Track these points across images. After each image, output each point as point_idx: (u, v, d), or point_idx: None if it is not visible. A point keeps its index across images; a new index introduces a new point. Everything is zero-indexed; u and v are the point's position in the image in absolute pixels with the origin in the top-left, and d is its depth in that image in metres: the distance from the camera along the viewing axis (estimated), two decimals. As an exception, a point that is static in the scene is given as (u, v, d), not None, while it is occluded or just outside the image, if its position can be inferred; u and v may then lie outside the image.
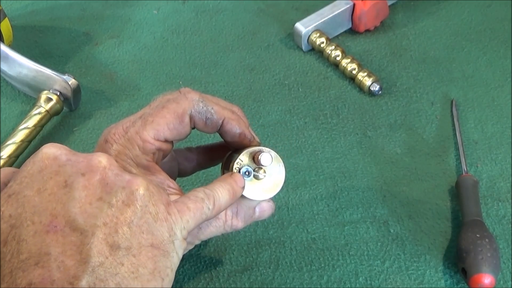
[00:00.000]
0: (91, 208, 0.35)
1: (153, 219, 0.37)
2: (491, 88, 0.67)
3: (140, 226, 0.36)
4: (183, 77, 0.70)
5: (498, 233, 0.54)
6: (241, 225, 0.46)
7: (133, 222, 0.36)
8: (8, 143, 0.59)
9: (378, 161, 0.60)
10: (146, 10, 0.78)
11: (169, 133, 0.43)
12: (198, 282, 0.51)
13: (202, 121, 0.44)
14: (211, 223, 0.44)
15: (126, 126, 0.43)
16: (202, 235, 0.44)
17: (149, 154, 0.42)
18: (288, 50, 0.72)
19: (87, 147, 0.63)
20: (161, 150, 0.43)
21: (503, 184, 0.58)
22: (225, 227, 0.45)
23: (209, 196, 0.41)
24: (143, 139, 0.42)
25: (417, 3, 0.77)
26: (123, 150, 0.42)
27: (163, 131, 0.42)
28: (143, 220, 0.36)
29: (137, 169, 0.41)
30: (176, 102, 0.43)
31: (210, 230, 0.44)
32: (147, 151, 0.42)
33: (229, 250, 0.53)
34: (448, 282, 0.51)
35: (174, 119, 0.42)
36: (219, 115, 0.44)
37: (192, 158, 0.50)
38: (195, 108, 0.43)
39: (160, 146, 0.43)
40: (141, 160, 0.42)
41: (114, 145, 0.42)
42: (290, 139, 0.63)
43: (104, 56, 0.72)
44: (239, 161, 0.44)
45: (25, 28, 0.75)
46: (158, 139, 0.42)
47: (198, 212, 0.39)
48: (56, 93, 0.63)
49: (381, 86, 0.66)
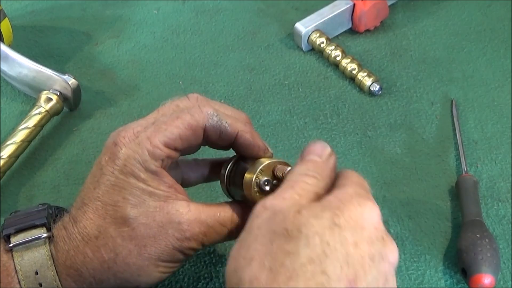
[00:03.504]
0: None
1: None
2: (491, 88, 0.67)
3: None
4: (183, 77, 0.70)
5: (498, 233, 0.54)
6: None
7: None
8: (8, 143, 0.59)
9: (378, 161, 0.60)
10: (146, 10, 0.78)
11: (180, 144, 0.43)
12: (198, 282, 0.51)
13: (216, 135, 0.44)
14: (216, 230, 0.43)
15: (137, 131, 0.43)
16: (207, 241, 0.43)
17: (158, 160, 0.42)
18: (288, 50, 0.72)
19: (87, 147, 0.63)
20: (170, 157, 0.43)
21: (503, 184, 0.58)
22: (229, 235, 0.44)
23: None
24: (154, 145, 0.42)
25: (417, 3, 0.77)
26: (132, 154, 0.42)
27: (175, 140, 0.42)
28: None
29: (145, 173, 0.42)
30: (191, 114, 0.43)
31: (215, 237, 0.44)
32: (157, 157, 0.42)
33: (229, 250, 0.53)
34: (448, 282, 0.51)
35: (187, 131, 0.43)
36: (233, 128, 0.44)
37: (197, 170, 0.50)
38: (209, 122, 0.43)
39: (169, 154, 0.43)
40: (150, 165, 0.42)
41: (123, 148, 0.42)
42: (290, 139, 0.63)
43: (104, 56, 0.72)
44: (259, 172, 0.44)
45: (25, 28, 0.75)
46: (168, 147, 0.42)
47: None
48: (56, 93, 0.63)
49: (381, 86, 0.66)
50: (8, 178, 0.60)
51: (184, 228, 0.42)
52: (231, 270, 0.37)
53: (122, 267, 0.41)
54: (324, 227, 0.36)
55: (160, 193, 0.42)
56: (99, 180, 0.42)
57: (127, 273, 0.42)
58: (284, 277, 0.34)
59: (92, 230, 0.42)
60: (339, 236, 0.36)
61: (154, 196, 0.42)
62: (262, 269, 0.35)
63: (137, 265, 0.41)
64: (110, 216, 0.42)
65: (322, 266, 0.35)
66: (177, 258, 0.43)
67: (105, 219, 0.42)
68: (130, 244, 0.41)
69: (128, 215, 0.41)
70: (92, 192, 0.42)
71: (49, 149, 0.63)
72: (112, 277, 0.42)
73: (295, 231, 0.36)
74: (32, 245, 0.42)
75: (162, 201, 0.42)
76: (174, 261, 0.43)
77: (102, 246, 0.41)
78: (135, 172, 0.42)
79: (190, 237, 0.42)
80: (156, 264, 0.42)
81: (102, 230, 0.41)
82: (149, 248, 0.41)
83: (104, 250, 0.41)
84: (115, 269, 0.41)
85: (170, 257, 0.42)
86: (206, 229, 0.43)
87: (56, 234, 0.43)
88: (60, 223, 0.43)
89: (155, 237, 0.41)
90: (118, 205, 0.41)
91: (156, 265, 0.42)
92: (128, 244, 0.41)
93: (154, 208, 0.42)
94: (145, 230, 0.41)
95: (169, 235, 0.42)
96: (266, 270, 0.35)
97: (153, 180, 0.42)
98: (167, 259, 0.42)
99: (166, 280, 0.51)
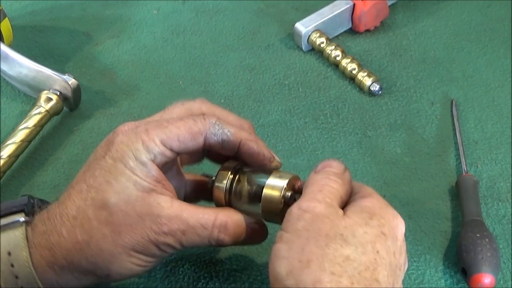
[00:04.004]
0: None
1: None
2: (491, 88, 0.67)
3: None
4: (183, 77, 0.70)
5: (498, 233, 0.54)
6: (228, 241, 0.44)
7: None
8: (8, 143, 0.59)
9: (378, 161, 0.60)
10: (146, 10, 0.78)
11: (177, 144, 0.43)
12: (198, 282, 0.51)
13: (219, 143, 0.44)
14: (197, 231, 0.43)
15: (139, 123, 0.44)
16: (185, 241, 0.43)
17: (150, 153, 0.42)
18: (288, 50, 0.72)
19: (87, 147, 0.63)
20: (164, 156, 0.43)
21: (503, 184, 0.58)
22: (210, 239, 0.44)
23: None
24: (150, 137, 0.42)
25: (417, 3, 0.77)
26: (126, 141, 0.42)
27: (172, 139, 0.43)
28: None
29: (134, 162, 0.42)
30: (194, 120, 0.44)
31: (194, 238, 0.43)
32: (150, 150, 0.42)
33: (229, 250, 0.53)
34: (448, 282, 0.51)
35: (186, 134, 0.43)
36: (236, 137, 0.44)
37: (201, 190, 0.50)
38: (211, 130, 0.44)
39: (163, 152, 0.43)
40: (141, 155, 0.42)
41: (120, 135, 0.43)
42: (290, 139, 0.63)
43: (104, 56, 0.72)
44: (285, 189, 0.44)
45: (25, 28, 0.75)
46: (164, 145, 0.43)
47: None
48: (56, 93, 0.63)
49: (381, 86, 0.66)
50: (8, 178, 0.60)
51: (162, 222, 0.42)
52: (283, 271, 0.38)
53: (94, 250, 0.41)
54: (375, 235, 0.39)
55: (145, 184, 0.42)
56: (90, 164, 0.43)
57: (99, 258, 0.42)
58: (347, 282, 0.37)
59: (72, 211, 0.42)
60: (385, 245, 0.39)
61: (138, 186, 0.42)
62: (324, 272, 0.37)
63: (110, 251, 0.41)
64: (91, 198, 0.42)
65: (375, 274, 0.38)
66: (152, 252, 0.43)
67: (86, 201, 0.42)
68: (106, 228, 0.41)
69: (109, 199, 0.41)
70: (81, 175, 0.43)
71: (49, 149, 0.63)
72: (83, 261, 0.42)
73: (350, 237, 0.38)
74: (8, 227, 0.42)
75: (145, 192, 0.42)
76: (148, 254, 0.43)
77: (77, 227, 0.42)
78: (125, 159, 0.42)
79: (167, 232, 0.42)
80: (129, 254, 0.42)
81: (81, 211, 0.42)
82: (124, 235, 0.41)
83: (79, 231, 0.41)
84: (87, 252, 0.41)
85: (145, 249, 0.42)
86: (186, 228, 0.42)
87: (37, 218, 0.43)
88: (45, 209, 0.44)
89: (132, 226, 0.41)
90: (100, 188, 0.42)
91: (129, 254, 0.42)
92: (104, 228, 0.41)
93: (136, 197, 0.42)
94: (123, 217, 0.41)
95: (146, 227, 0.41)
96: (328, 273, 0.37)
97: (141, 170, 0.42)
98: (141, 251, 0.42)
99: (166, 280, 0.51)
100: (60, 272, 0.42)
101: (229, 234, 0.44)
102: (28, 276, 0.42)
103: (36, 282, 0.42)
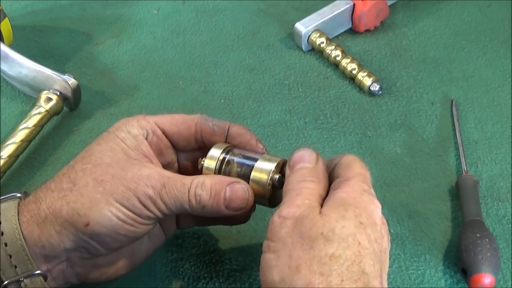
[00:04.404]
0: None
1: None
2: (491, 88, 0.67)
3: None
4: (183, 77, 0.70)
5: (498, 233, 0.54)
6: (206, 197, 0.44)
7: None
8: (8, 143, 0.59)
9: (378, 161, 0.60)
10: (146, 10, 0.78)
11: (169, 126, 0.48)
12: (198, 282, 0.51)
13: (209, 127, 0.48)
14: (176, 186, 0.44)
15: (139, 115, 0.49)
16: (165, 194, 0.44)
17: (142, 129, 0.47)
18: (288, 50, 0.72)
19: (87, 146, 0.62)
20: (156, 136, 0.47)
21: (503, 184, 0.58)
22: (189, 196, 0.44)
23: None
24: (145, 117, 0.48)
25: (417, 3, 0.77)
26: (125, 120, 0.48)
27: (166, 122, 0.48)
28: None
29: (126, 134, 0.46)
30: (187, 114, 0.49)
31: (173, 192, 0.44)
32: (142, 126, 0.47)
33: (229, 250, 0.53)
34: (448, 282, 0.51)
35: (179, 119, 0.48)
36: (224, 123, 0.49)
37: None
38: (201, 117, 0.49)
39: (155, 130, 0.47)
40: (133, 129, 0.47)
41: (119, 122, 0.48)
42: (290, 139, 0.63)
43: (104, 56, 0.72)
44: (275, 170, 0.45)
45: (25, 28, 0.75)
46: (157, 125, 0.47)
47: None
48: (56, 93, 0.63)
49: (381, 86, 0.66)
50: (8, 178, 0.60)
51: (143, 174, 0.44)
52: (276, 280, 0.39)
53: (75, 196, 0.43)
54: (354, 226, 0.39)
55: (132, 153, 0.45)
56: (96, 140, 0.47)
57: (79, 203, 0.43)
58: (337, 280, 0.37)
59: (63, 170, 0.46)
60: (365, 235, 0.40)
61: (125, 152, 0.45)
62: (313, 274, 0.38)
63: (90, 197, 0.43)
64: (80, 156, 0.46)
65: (361, 266, 0.38)
66: (132, 204, 0.43)
67: (76, 159, 0.46)
68: (89, 177, 0.44)
69: (95, 154, 0.45)
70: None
71: (49, 149, 0.63)
72: (65, 206, 0.43)
73: (331, 234, 0.39)
74: (3, 200, 0.45)
75: (132, 158, 0.45)
76: (128, 207, 0.43)
77: (64, 177, 0.45)
78: (118, 131, 0.47)
79: (147, 184, 0.43)
80: (108, 201, 0.43)
81: (70, 166, 0.45)
82: (105, 183, 0.43)
83: (65, 180, 0.44)
84: (69, 197, 0.43)
85: (125, 199, 0.43)
86: (166, 181, 0.44)
87: (32, 191, 0.46)
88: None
89: (114, 175, 0.43)
90: (89, 148, 0.46)
91: (108, 202, 0.43)
92: (87, 178, 0.44)
93: (122, 156, 0.45)
94: (106, 168, 0.44)
95: (127, 177, 0.43)
96: (318, 275, 0.38)
97: (131, 141, 0.46)
98: (121, 201, 0.43)
99: (166, 280, 0.51)
100: (43, 224, 0.43)
101: (207, 189, 0.44)
102: (13, 235, 0.43)
103: (20, 240, 0.43)
